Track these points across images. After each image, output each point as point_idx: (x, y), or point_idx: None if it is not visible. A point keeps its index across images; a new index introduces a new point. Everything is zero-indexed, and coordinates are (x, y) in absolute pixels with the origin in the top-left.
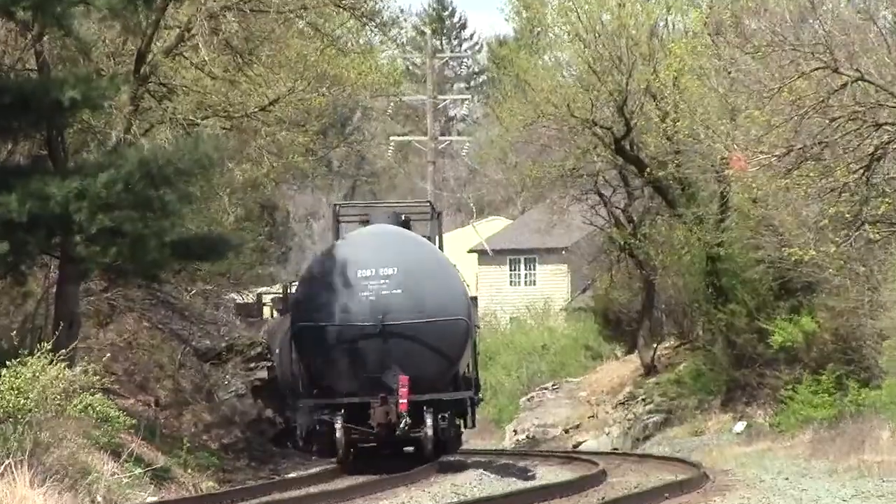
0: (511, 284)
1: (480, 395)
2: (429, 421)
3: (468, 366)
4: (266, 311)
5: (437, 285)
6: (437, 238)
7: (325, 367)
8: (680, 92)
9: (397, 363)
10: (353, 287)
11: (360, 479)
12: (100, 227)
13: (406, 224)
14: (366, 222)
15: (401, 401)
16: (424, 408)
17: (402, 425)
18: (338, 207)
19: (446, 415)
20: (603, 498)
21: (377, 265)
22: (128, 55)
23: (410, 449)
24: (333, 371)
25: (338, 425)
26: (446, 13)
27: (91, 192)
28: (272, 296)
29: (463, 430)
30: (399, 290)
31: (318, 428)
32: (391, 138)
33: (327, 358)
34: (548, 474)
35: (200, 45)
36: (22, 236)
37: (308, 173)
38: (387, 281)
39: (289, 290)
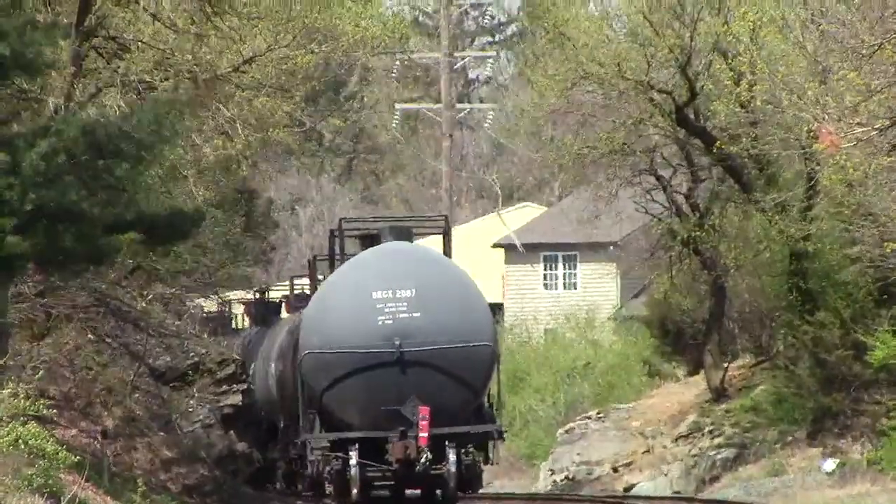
0: (546, 287)
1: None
2: (452, 456)
3: (490, 396)
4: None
5: (459, 307)
6: (449, 256)
7: (337, 399)
8: (757, 49)
9: (416, 393)
10: (366, 310)
11: None
12: (35, 204)
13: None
14: (367, 239)
15: (421, 434)
16: (447, 442)
17: (422, 461)
18: (342, 222)
19: (470, 450)
20: None
21: (394, 286)
22: (69, 4)
23: (417, 492)
24: (346, 403)
25: (352, 462)
26: None
27: (26, 164)
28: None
29: (483, 467)
30: (418, 314)
31: (329, 467)
32: (397, 106)
33: (339, 389)
34: None
35: None
36: None
37: (293, 150)
38: (405, 303)
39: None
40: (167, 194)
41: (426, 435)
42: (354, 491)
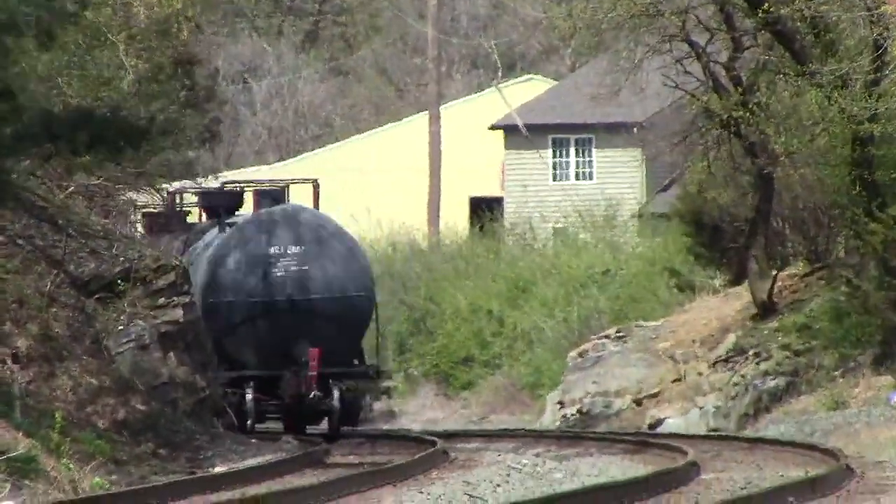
0: (556, 178)
1: (385, 367)
2: (336, 392)
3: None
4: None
5: (342, 261)
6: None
7: (237, 342)
8: None
9: (306, 337)
10: (262, 264)
11: (326, 474)
12: None
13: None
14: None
15: (311, 373)
16: (331, 380)
17: (311, 396)
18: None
19: (351, 386)
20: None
21: (286, 243)
22: None
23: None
24: (245, 345)
25: (248, 396)
26: None
27: None
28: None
29: (369, 402)
30: (307, 268)
31: (229, 399)
32: None
33: (238, 333)
34: (609, 468)
35: None
36: None
37: (245, 11)
38: (295, 258)
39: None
40: (91, 63)
41: (315, 374)
42: (249, 422)
